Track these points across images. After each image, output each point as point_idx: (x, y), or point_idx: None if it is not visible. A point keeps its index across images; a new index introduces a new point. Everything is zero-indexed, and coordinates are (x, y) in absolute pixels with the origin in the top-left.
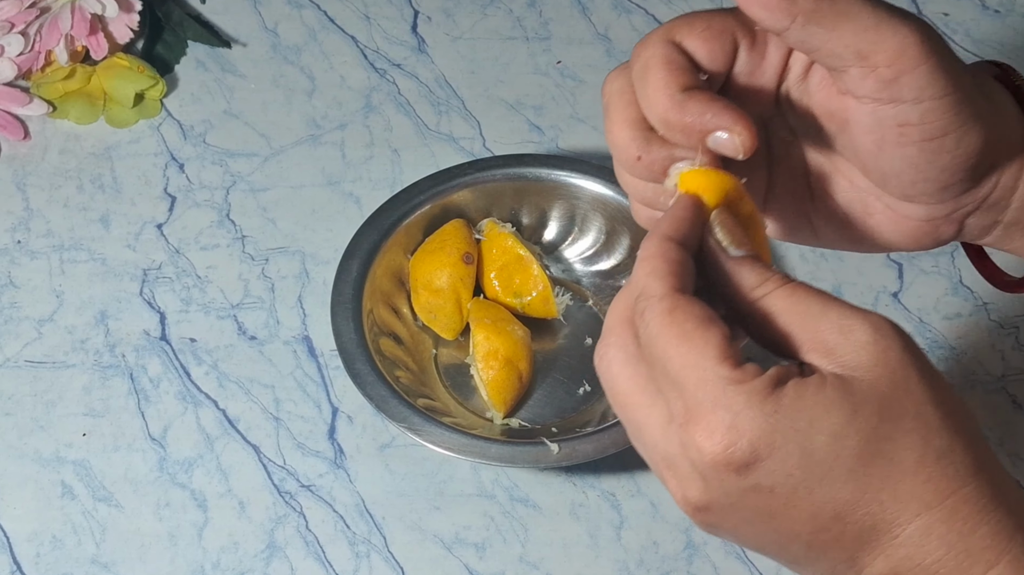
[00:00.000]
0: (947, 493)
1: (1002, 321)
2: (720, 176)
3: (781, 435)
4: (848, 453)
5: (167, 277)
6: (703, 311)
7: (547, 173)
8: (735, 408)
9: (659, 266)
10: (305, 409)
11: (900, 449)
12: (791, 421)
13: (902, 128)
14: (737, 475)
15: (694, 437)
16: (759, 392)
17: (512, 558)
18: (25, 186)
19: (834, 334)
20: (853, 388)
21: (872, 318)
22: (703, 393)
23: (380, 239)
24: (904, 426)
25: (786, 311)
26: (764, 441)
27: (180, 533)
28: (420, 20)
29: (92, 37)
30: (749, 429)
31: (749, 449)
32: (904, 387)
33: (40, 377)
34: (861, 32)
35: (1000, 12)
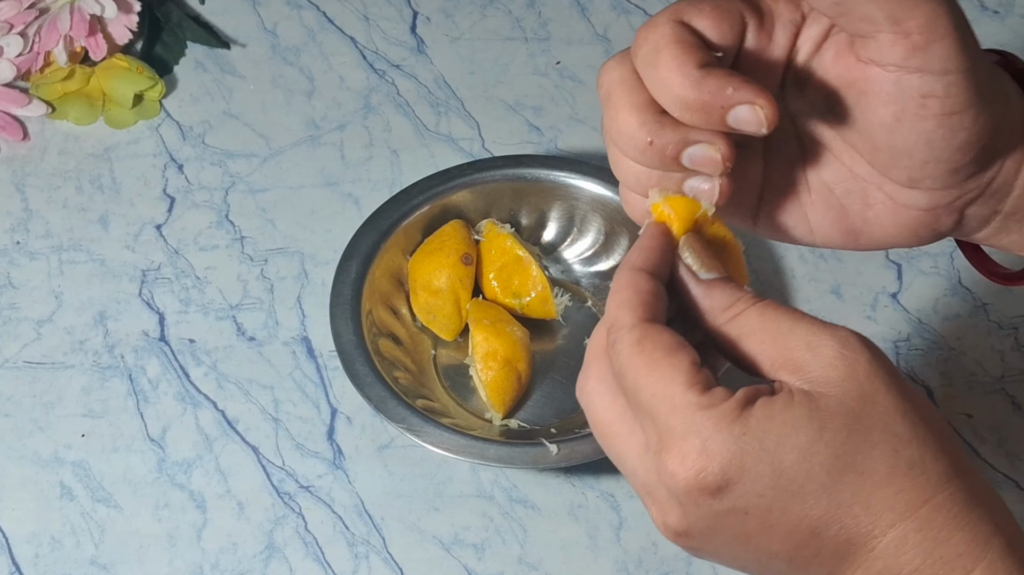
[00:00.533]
0: (920, 502)
1: (1001, 322)
2: (687, 202)
3: (751, 456)
4: (818, 469)
5: (166, 278)
6: (671, 339)
7: (546, 174)
8: (704, 433)
9: (628, 297)
10: (304, 410)
11: (870, 461)
12: (759, 442)
13: (924, 99)
14: (712, 498)
15: (667, 464)
16: (727, 415)
17: (511, 559)
18: (24, 187)
19: (802, 351)
20: (820, 404)
21: (840, 333)
22: (673, 420)
23: (379, 240)
24: (873, 438)
25: (757, 330)
26: (734, 464)
27: (179, 534)
28: (419, 21)
29: (91, 38)
30: (719, 453)
31: (720, 472)
32: (872, 400)
33: (39, 378)
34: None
35: (999, 12)
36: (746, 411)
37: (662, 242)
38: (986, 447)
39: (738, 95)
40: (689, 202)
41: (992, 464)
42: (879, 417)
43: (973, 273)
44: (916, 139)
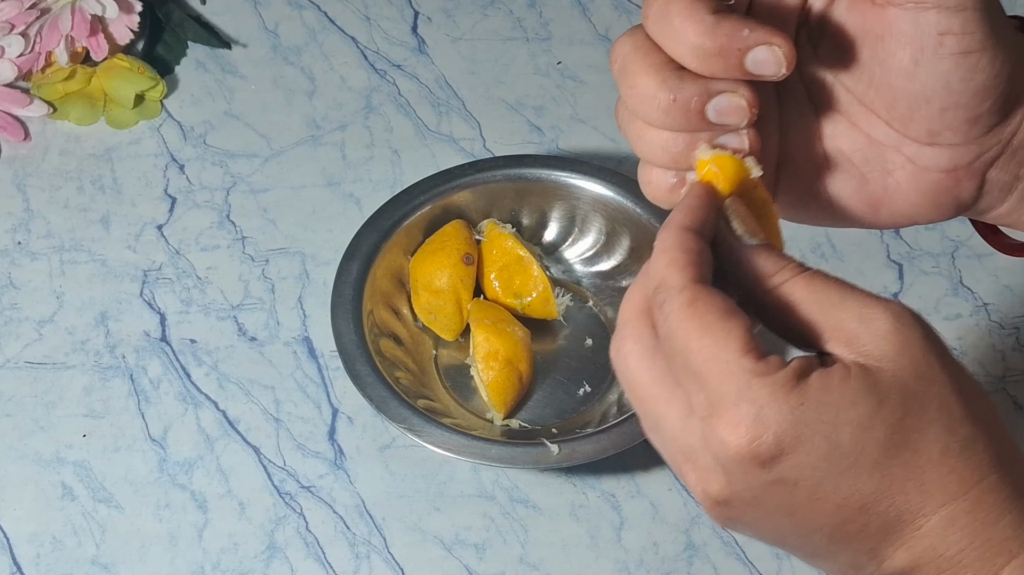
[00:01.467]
0: (971, 483)
1: (1002, 322)
2: (734, 162)
3: (808, 427)
4: (874, 444)
5: (167, 278)
6: (724, 302)
7: (547, 174)
8: (760, 401)
9: (678, 257)
10: (305, 410)
11: (925, 439)
12: (817, 413)
13: (942, 36)
14: (762, 468)
15: (717, 430)
16: (784, 384)
17: (512, 559)
18: (25, 187)
19: (855, 323)
20: (877, 378)
21: (892, 306)
22: (727, 386)
23: (380, 240)
24: (928, 416)
25: (805, 300)
26: (790, 434)
27: (180, 534)
28: (420, 21)
29: (92, 38)
30: (775, 422)
31: (775, 442)
32: (928, 377)
33: (40, 378)
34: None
35: None
36: (803, 381)
37: (707, 201)
38: None
39: (755, 36)
40: (736, 162)
41: None
42: (935, 395)
43: (974, 273)
44: (935, 83)
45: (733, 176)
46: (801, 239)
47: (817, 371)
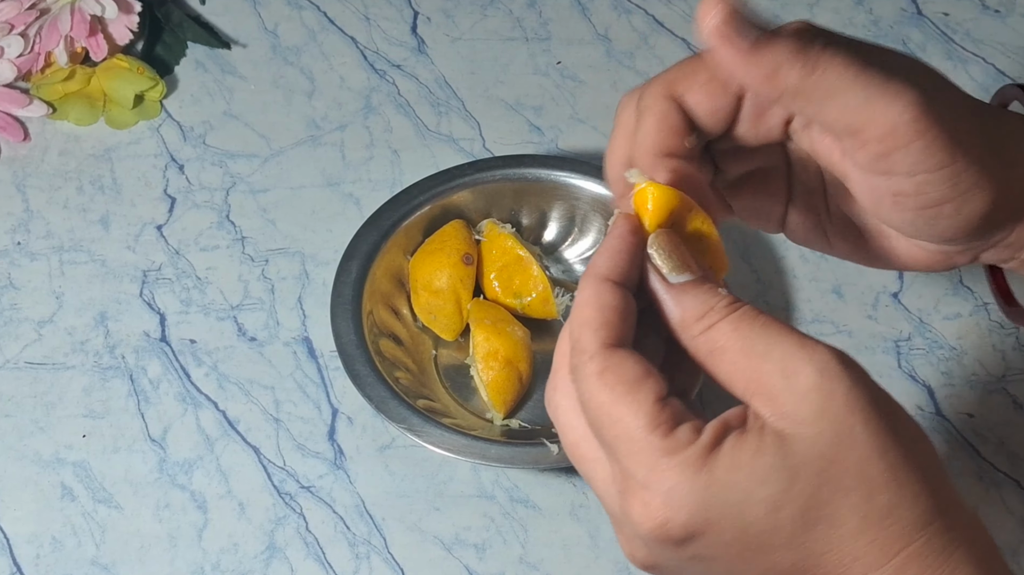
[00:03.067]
0: (893, 552)
1: (1002, 321)
2: (662, 192)
3: (715, 511)
4: (787, 522)
5: (167, 278)
6: (634, 370)
7: (547, 174)
8: (667, 483)
9: (591, 317)
10: (305, 410)
11: (842, 511)
12: (725, 495)
13: (896, 197)
14: (676, 547)
15: (630, 510)
16: (692, 464)
17: (512, 559)
18: (25, 187)
19: (776, 378)
20: (791, 450)
21: (818, 357)
22: (635, 465)
23: (380, 240)
24: (845, 485)
25: (728, 348)
26: (699, 517)
27: (180, 534)
28: (420, 21)
29: (92, 38)
30: (683, 506)
31: (684, 526)
32: (848, 442)
33: (40, 378)
34: (850, 109)
35: (1000, 12)
36: (712, 457)
37: (630, 241)
38: (987, 447)
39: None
40: (664, 191)
41: (993, 464)
42: (853, 461)
43: (975, 272)
44: (899, 223)
45: (662, 204)
46: None
47: (729, 443)
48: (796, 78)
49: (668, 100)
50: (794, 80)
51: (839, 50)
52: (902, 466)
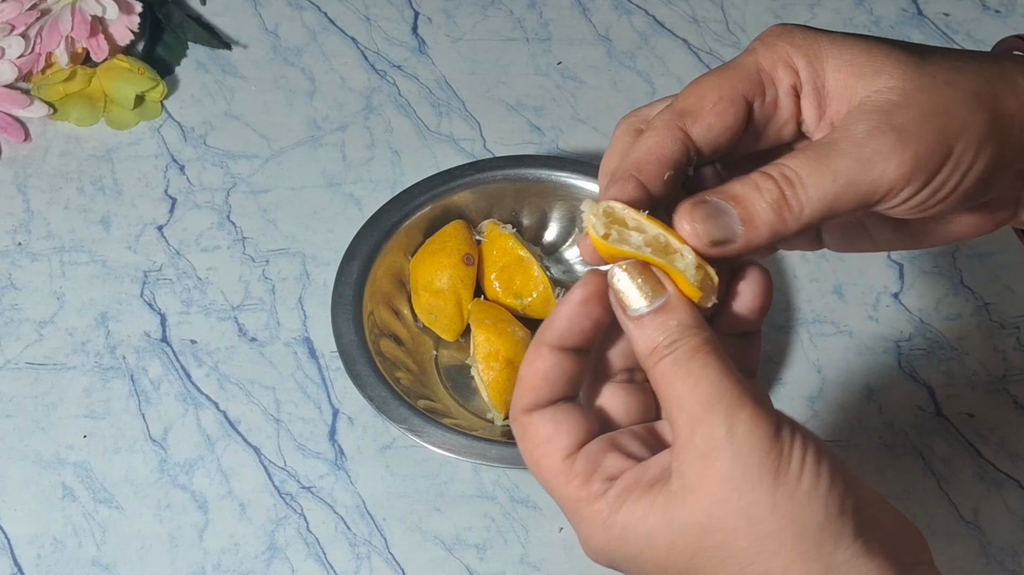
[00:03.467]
0: None
1: (1003, 321)
2: (609, 212)
3: (620, 559)
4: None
5: (168, 279)
6: (544, 431)
7: (548, 174)
8: (583, 533)
9: (523, 378)
10: (306, 410)
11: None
12: (624, 549)
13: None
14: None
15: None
16: (599, 516)
17: (513, 559)
18: (26, 188)
19: (684, 430)
20: (676, 515)
21: (720, 417)
22: (565, 508)
23: (381, 240)
24: (720, 554)
25: (662, 388)
26: (611, 559)
27: (181, 535)
28: (420, 21)
29: (92, 39)
30: (597, 552)
31: (605, 562)
32: (722, 510)
33: (41, 379)
34: (851, 198)
35: (1001, 12)
36: (615, 514)
37: (575, 308)
38: (988, 447)
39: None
40: (609, 213)
41: (994, 464)
42: (727, 532)
43: (975, 272)
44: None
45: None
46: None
47: (633, 499)
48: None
49: (675, 132)
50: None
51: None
52: (775, 535)
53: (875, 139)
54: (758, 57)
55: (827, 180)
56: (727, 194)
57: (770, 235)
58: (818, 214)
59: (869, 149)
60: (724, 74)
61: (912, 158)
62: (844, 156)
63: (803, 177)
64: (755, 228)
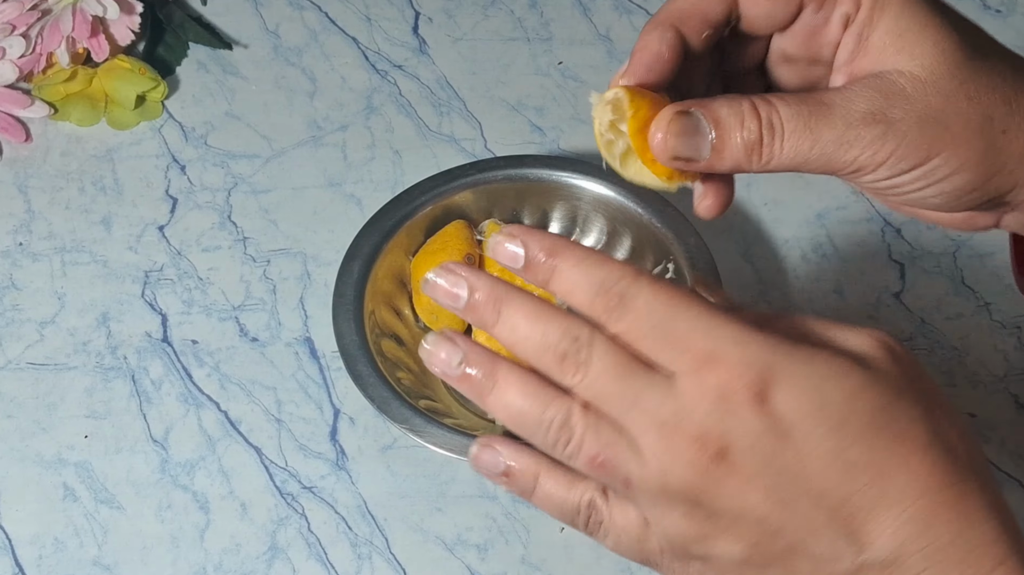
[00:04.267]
0: (954, 480)
1: (1004, 321)
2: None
3: (801, 378)
4: (863, 411)
5: (169, 279)
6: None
7: (548, 174)
8: (755, 345)
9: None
10: (307, 411)
11: (910, 429)
12: (811, 368)
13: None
14: (754, 404)
15: (707, 380)
16: (774, 336)
17: (514, 559)
18: (27, 188)
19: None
20: (871, 365)
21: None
22: (715, 336)
23: (382, 240)
24: (914, 413)
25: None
26: (777, 374)
27: (182, 535)
28: (421, 21)
29: (93, 39)
30: (764, 361)
31: (764, 378)
32: (918, 387)
33: (42, 379)
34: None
35: (1001, 12)
36: (796, 343)
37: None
38: (989, 447)
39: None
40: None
41: (995, 463)
42: (922, 399)
43: (976, 272)
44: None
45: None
46: (803, 239)
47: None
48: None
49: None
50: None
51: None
52: (959, 422)
53: (865, 125)
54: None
55: (805, 145)
56: (711, 114)
57: (731, 169)
58: (783, 168)
59: (854, 132)
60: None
61: (887, 154)
62: (831, 128)
63: (787, 133)
64: (721, 159)
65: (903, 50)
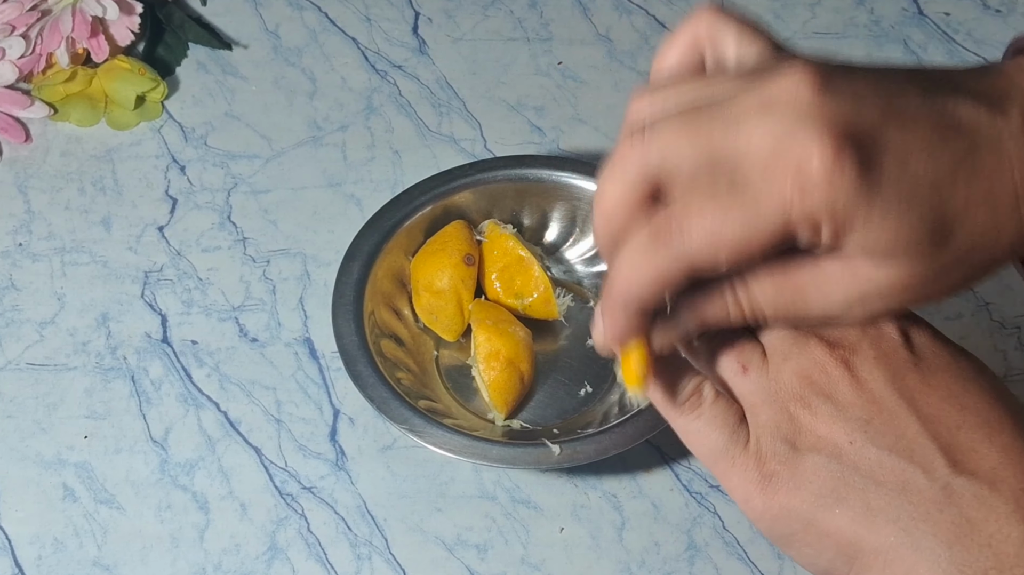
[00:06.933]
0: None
1: (1004, 321)
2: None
3: (943, 338)
4: (984, 382)
5: (168, 279)
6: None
7: (548, 174)
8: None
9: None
10: (306, 411)
11: (1020, 413)
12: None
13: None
14: (895, 331)
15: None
16: None
17: (514, 559)
18: (26, 189)
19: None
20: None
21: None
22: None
23: (381, 240)
24: (1018, 406)
25: None
26: (922, 323)
27: (182, 535)
28: (421, 21)
29: (93, 39)
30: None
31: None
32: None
33: (42, 379)
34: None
35: (1002, 12)
36: None
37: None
38: None
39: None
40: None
41: None
42: (1012, 401)
43: None
44: None
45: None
46: None
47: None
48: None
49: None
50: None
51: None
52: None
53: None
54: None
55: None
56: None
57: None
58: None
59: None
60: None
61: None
62: (810, 315)
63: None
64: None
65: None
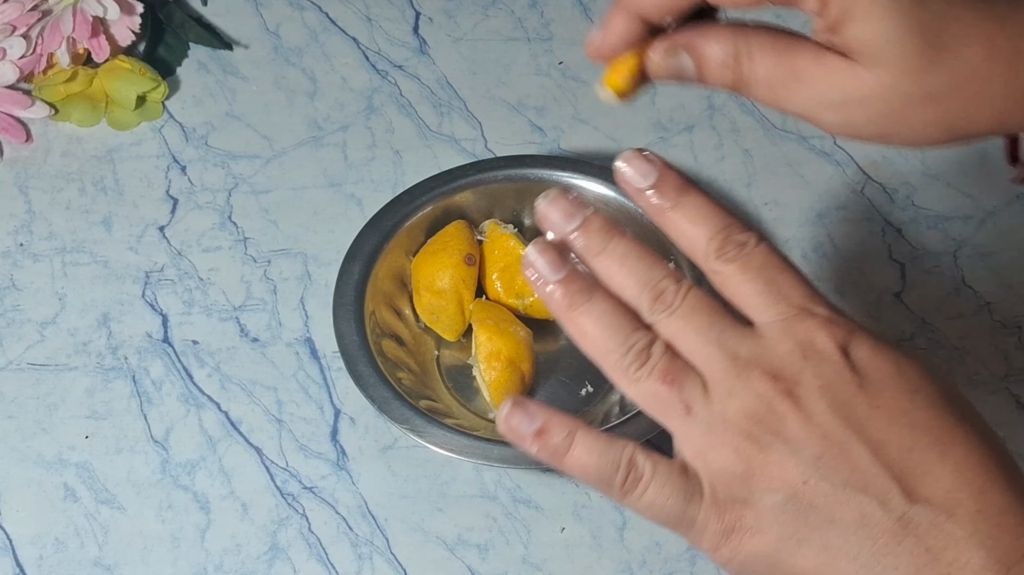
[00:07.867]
0: (1006, 465)
1: (1005, 321)
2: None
3: (885, 348)
4: (931, 391)
5: (169, 279)
6: None
7: (549, 174)
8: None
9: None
10: (307, 411)
11: (971, 418)
12: (890, 347)
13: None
14: (835, 353)
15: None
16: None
17: (515, 559)
18: (27, 189)
19: None
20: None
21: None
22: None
23: (382, 240)
24: (969, 412)
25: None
26: (862, 334)
27: (183, 535)
28: (422, 21)
29: (94, 39)
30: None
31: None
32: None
33: (42, 380)
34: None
35: None
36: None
37: None
38: None
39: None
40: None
41: None
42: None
43: (977, 272)
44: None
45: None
46: (803, 239)
47: None
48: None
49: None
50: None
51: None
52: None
53: (832, 110)
54: None
55: (778, 98)
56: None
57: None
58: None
59: (821, 111)
60: None
61: (855, 132)
62: (797, 104)
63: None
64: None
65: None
